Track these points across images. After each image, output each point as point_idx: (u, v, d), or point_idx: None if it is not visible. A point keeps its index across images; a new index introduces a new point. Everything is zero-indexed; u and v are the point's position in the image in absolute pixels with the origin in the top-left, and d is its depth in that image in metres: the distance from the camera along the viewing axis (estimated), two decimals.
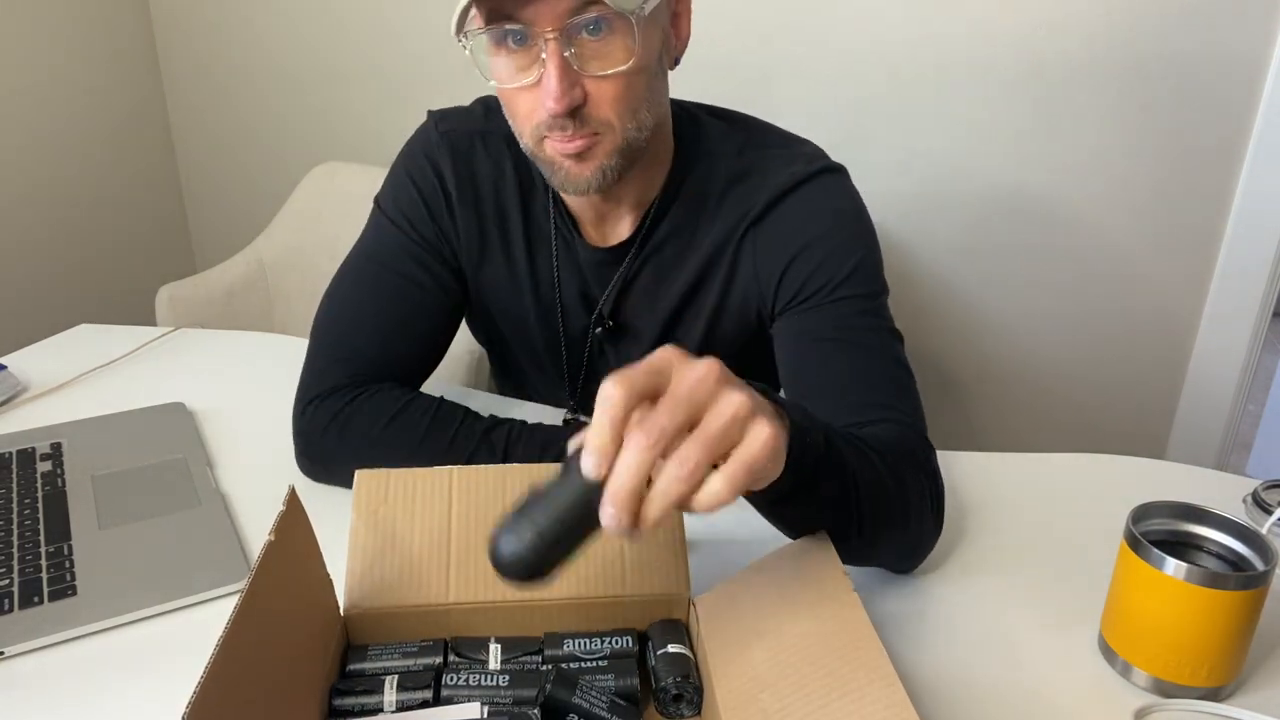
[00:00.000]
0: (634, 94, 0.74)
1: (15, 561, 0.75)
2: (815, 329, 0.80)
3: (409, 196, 0.89)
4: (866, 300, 0.81)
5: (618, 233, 0.87)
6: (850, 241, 0.82)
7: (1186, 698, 0.63)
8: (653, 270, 0.88)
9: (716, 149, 0.85)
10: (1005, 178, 1.58)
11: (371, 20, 1.95)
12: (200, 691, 0.43)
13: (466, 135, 0.88)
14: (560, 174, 0.77)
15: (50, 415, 1.01)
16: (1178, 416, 1.62)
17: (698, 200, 0.85)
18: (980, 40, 1.51)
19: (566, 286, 0.90)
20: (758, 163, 0.84)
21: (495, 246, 0.90)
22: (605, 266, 0.88)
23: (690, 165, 0.85)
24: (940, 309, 1.71)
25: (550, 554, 0.49)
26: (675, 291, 0.87)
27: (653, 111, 0.77)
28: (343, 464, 0.77)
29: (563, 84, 0.70)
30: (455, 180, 0.88)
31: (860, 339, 0.79)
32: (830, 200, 0.83)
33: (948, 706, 0.63)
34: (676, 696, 0.59)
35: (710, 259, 0.85)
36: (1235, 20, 1.38)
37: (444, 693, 0.59)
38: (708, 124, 0.87)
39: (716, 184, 0.84)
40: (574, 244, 0.88)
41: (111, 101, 2.14)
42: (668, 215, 0.86)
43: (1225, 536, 0.65)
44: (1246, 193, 1.45)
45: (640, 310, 0.90)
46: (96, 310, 2.15)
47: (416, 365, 0.90)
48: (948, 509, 0.83)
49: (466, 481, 0.67)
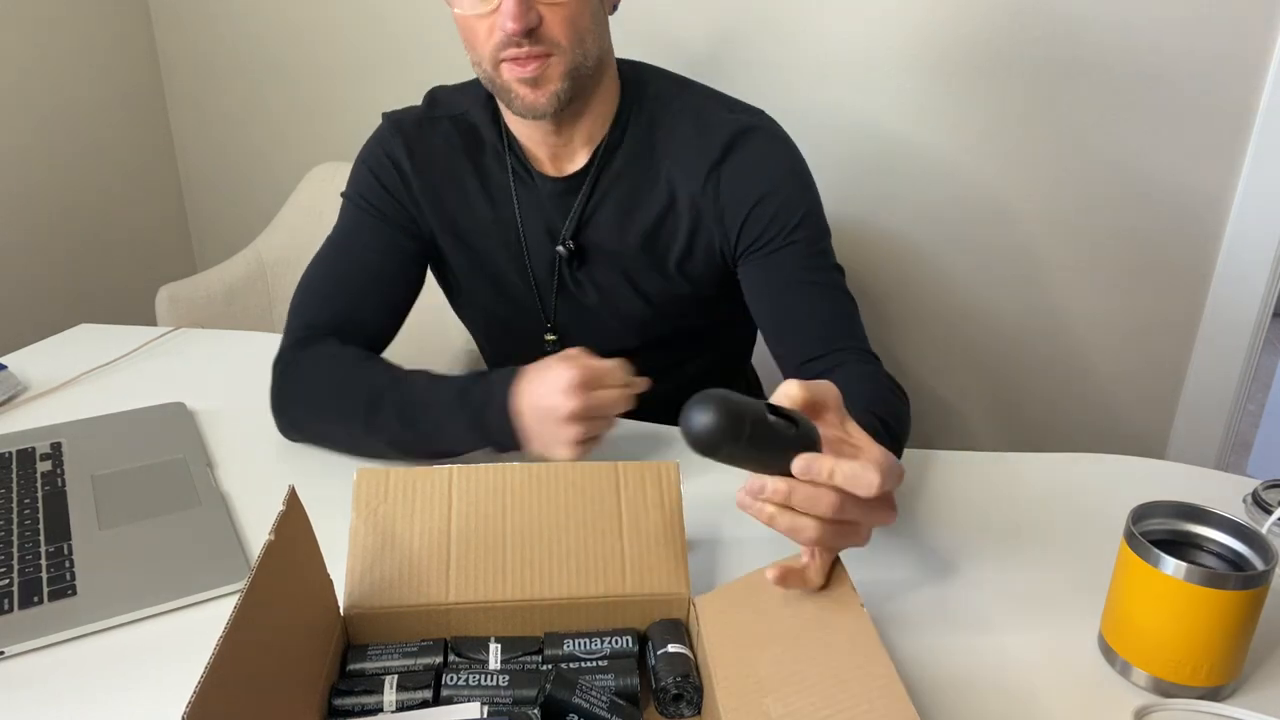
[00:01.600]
0: (582, 20, 0.84)
1: (15, 561, 0.75)
2: (778, 273, 0.93)
3: (366, 179, 0.99)
4: (815, 242, 0.94)
5: (573, 165, 0.96)
6: (800, 192, 0.94)
7: (1186, 698, 0.63)
8: (615, 199, 0.96)
9: (661, 93, 0.96)
10: (1004, 177, 1.58)
11: (371, 20, 1.95)
12: (200, 691, 0.43)
13: (414, 122, 0.99)
14: (518, 100, 0.87)
15: (50, 415, 1.01)
16: (1178, 416, 1.62)
17: (648, 134, 0.95)
18: (979, 40, 1.51)
19: (530, 223, 0.99)
20: (702, 109, 0.95)
21: (456, 205, 0.99)
22: (564, 196, 0.97)
23: (636, 102, 0.95)
24: (939, 309, 1.71)
25: (729, 452, 0.54)
26: (644, 221, 0.96)
27: (597, 43, 0.87)
28: (294, 411, 0.92)
29: (520, 6, 0.80)
30: (410, 159, 0.98)
31: (815, 278, 0.93)
32: (777, 150, 0.95)
33: (947, 706, 0.63)
34: (676, 696, 0.59)
35: (672, 196, 0.95)
36: (1235, 21, 1.38)
37: (444, 693, 0.59)
38: (647, 70, 0.98)
39: (666, 121, 0.95)
40: (532, 181, 0.97)
41: (111, 101, 2.14)
42: (621, 147, 0.95)
43: (1225, 536, 0.65)
44: (1246, 193, 1.45)
45: (607, 236, 0.97)
46: (96, 310, 2.15)
47: (373, 324, 0.98)
48: (947, 509, 0.84)
49: (466, 481, 0.67)
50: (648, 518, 0.67)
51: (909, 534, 0.80)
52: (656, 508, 0.67)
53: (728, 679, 0.58)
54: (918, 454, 0.91)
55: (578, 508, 0.67)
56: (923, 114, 1.59)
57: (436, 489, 0.67)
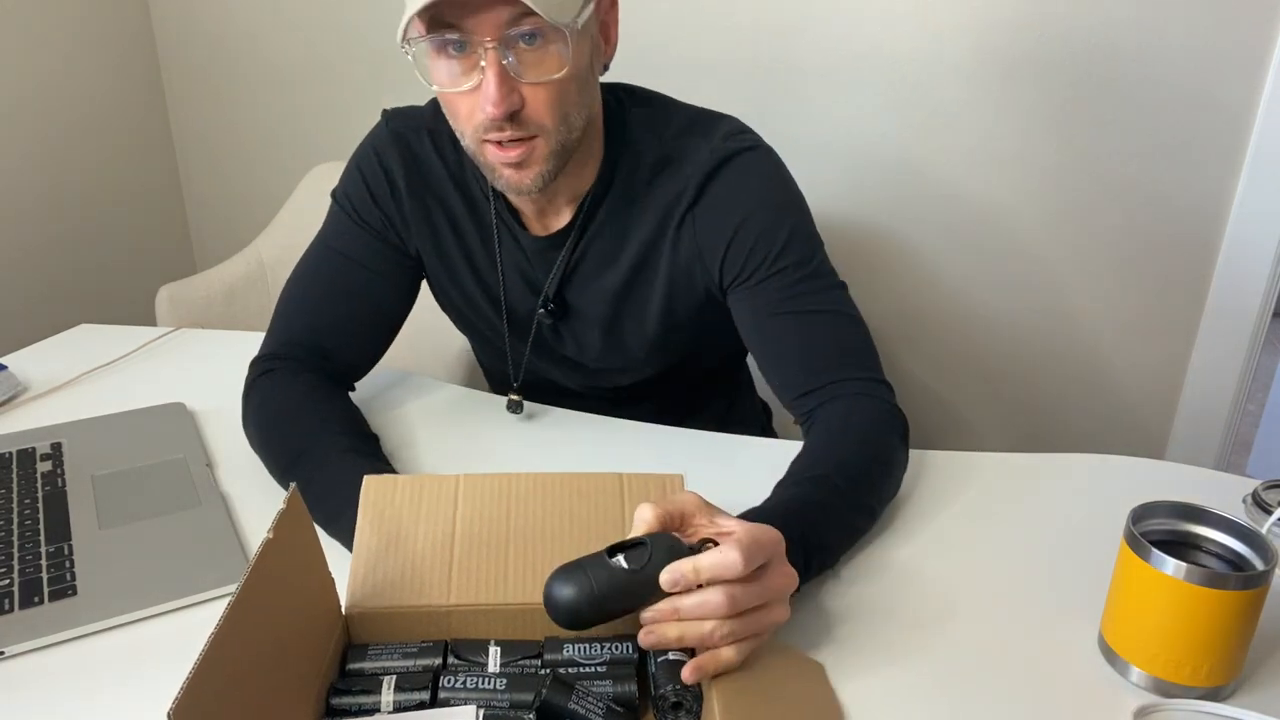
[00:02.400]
0: (567, 99, 0.80)
1: (15, 561, 0.75)
2: (766, 304, 0.88)
3: (356, 187, 0.96)
4: (804, 265, 0.88)
5: (558, 222, 0.93)
6: (777, 214, 0.89)
7: (1186, 698, 0.63)
8: (595, 256, 0.93)
9: (639, 139, 0.91)
10: (1004, 177, 1.58)
11: (371, 21, 1.95)
12: (187, 688, 0.42)
13: (415, 131, 0.95)
14: (502, 179, 0.83)
15: (50, 415, 1.01)
16: (1178, 416, 1.62)
17: (628, 188, 0.91)
18: (979, 40, 1.51)
19: (510, 272, 0.97)
20: (677, 150, 0.90)
21: (444, 231, 0.96)
22: (547, 252, 0.94)
23: (619, 155, 0.91)
24: (939, 308, 1.71)
25: (596, 617, 0.58)
26: (618, 275, 0.93)
27: (583, 113, 0.83)
28: (248, 433, 0.91)
29: (501, 90, 0.75)
30: (403, 171, 0.94)
31: (807, 305, 0.87)
32: (752, 178, 0.89)
33: (947, 706, 0.63)
34: (675, 704, 0.59)
35: (650, 242, 0.91)
36: (1235, 21, 1.38)
37: (441, 694, 0.59)
38: (631, 113, 0.92)
39: (644, 172, 0.90)
40: (517, 233, 0.94)
41: (112, 102, 2.14)
42: (603, 203, 0.92)
43: (1225, 536, 0.65)
44: (1246, 193, 1.45)
45: (584, 293, 0.95)
46: (96, 310, 2.15)
47: (356, 340, 0.97)
48: (947, 508, 0.84)
49: (473, 487, 0.67)
50: None
51: (909, 533, 0.80)
52: None
53: (728, 689, 0.58)
54: (917, 454, 0.91)
55: (581, 515, 0.67)
56: (923, 115, 1.59)
57: (443, 495, 0.67)
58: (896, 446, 0.83)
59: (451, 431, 0.98)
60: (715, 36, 1.67)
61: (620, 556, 0.58)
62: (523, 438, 0.97)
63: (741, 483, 0.77)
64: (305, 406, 0.89)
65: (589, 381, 1.03)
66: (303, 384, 0.91)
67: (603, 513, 0.67)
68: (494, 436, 0.97)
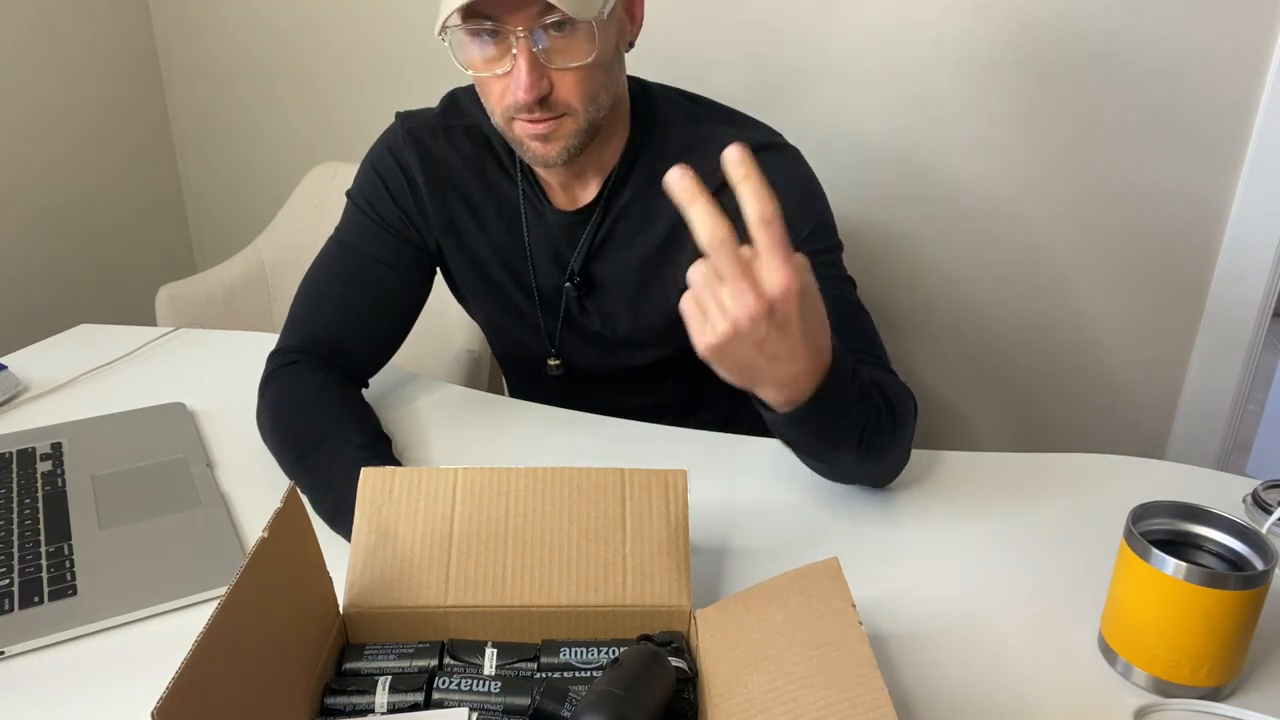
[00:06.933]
0: (595, 82, 0.84)
1: (15, 561, 0.75)
2: None
3: (372, 184, 0.99)
4: (824, 254, 0.91)
5: (584, 196, 0.96)
6: (804, 208, 0.91)
7: (1186, 698, 0.63)
8: (622, 231, 0.96)
9: (669, 118, 0.95)
10: (1003, 177, 1.58)
11: (372, 20, 1.95)
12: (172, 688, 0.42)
13: (429, 129, 0.98)
14: (529, 151, 0.87)
15: (50, 415, 1.01)
16: (1178, 416, 1.62)
17: (655, 165, 0.93)
18: (979, 40, 1.51)
19: (538, 249, 0.99)
20: (707, 133, 0.93)
21: (466, 221, 0.99)
22: (574, 227, 0.96)
23: (646, 133, 0.94)
24: (940, 309, 1.71)
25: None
26: (645, 249, 0.95)
27: (610, 93, 0.87)
28: (260, 428, 0.92)
29: (531, 76, 0.80)
30: (421, 167, 0.97)
31: (827, 290, 0.88)
32: (782, 174, 0.90)
33: (947, 706, 0.63)
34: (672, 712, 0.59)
35: (674, 227, 0.93)
36: (1235, 20, 1.38)
37: (435, 696, 0.58)
38: (659, 96, 0.96)
39: (672, 149, 0.93)
40: (544, 209, 0.97)
41: (112, 101, 2.14)
42: (629, 179, 0.94)
43: (1225, 536, 0.65)
44: (1246, 193, 1.45)
45: (612, 266, 0.97)
46: (96, 310, 2.15)
47: (371, 337, 0.99)
48: (947, 507, 0.84)
49: (471, 482, 0.67)
50: (652, 527, 0.66)
51: (909, 532, 0.81)
52: (661, 517, 0.66)
53: (724, 697, 0.57)
54: (918, 454, 0.91)
55: (581, 513, 0.66)
56: (923, 116, 1.59)
57: (440, 489, 0.66)
58: (909, 413, 0.83)
59: (452, 432, 0.98)
60: (721, 36, 1.67)
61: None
62: (524, 437, 0.97)
63: (742, 482, 0.77)
64: (324, 399, 0.91)
65: (611, 360, 1.04)
66: (321, 380, 0.93)
67: (603, 510, 0.66)
68: (495, 436, 0.97)
